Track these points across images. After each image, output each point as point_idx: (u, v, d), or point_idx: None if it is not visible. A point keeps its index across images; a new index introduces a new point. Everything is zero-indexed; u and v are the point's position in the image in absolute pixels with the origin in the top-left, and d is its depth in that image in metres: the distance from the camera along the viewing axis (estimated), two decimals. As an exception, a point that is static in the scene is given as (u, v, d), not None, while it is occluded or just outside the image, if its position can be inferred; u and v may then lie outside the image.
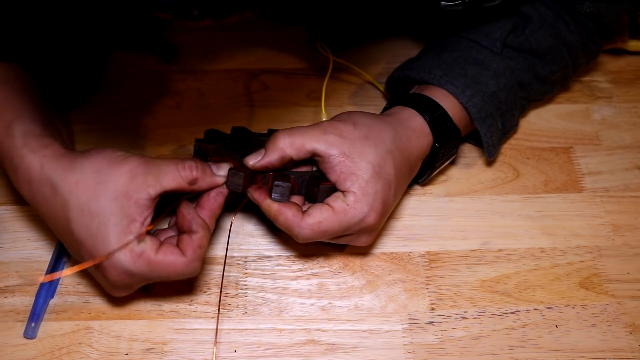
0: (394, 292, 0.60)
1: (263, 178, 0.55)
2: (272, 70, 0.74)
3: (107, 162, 0.52)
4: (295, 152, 0.55)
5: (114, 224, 0.50)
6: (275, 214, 0.54)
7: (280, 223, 0.55)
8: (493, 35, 0.65)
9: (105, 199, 0.50)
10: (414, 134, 0.59)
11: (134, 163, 0.52)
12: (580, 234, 0.64)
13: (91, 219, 0.50)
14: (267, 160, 0.55)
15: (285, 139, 0.55)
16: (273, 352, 0.56)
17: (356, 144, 0.55)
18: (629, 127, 0.72)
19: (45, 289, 0.57)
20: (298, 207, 0.54)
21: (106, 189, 0.51)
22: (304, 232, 0.54)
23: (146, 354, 0.55)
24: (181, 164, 0.53)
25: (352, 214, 0.54)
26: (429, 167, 0.62)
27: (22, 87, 0.57)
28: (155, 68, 0.73)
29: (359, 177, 0.54)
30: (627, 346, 0.58)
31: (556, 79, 0.69)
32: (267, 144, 0.55)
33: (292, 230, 0.54)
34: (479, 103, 0.62)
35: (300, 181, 0.55)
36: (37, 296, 0.57)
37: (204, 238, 0.52)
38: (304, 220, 0.54)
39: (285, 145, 0.55)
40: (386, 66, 0.74)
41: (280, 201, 0.54)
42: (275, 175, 0.55)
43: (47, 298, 0.57)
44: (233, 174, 0.54)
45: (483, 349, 0.57)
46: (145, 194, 0.51)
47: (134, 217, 0.51)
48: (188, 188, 0.53)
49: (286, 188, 0.54)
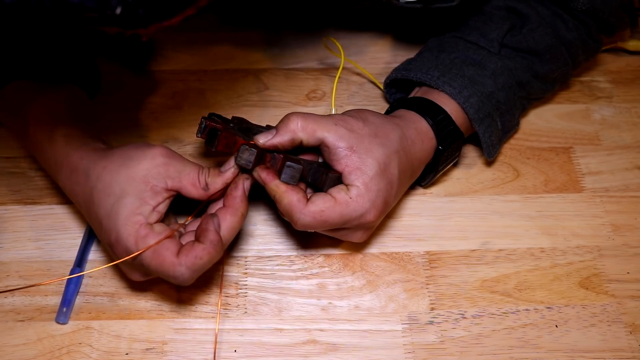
0: (394, 292, 0.60)
1: (272, 159, 0.54)
2: (272, 70, 0.74)
3: (135, 148, 0.54)
4: (306, 136, 0.55)
5: (126, 203, 0.51)
6: (281, 195, 0.54)
7: (283, 206, 0.54)
8: (490, 35, 0.65)
9: (124, 180, 0.52)
10: (419, 137, 0.59)
11: (160, 151, 0.54)
12: (580, 234, 0.64)
13: (108, 199, 0.52)
14: (278, 139, 0.54)
15: (298, 122, 0.55)
16: (273, 352, 0.56)
17: (364, 140, 0.56)
18: (629, 127, 0.72)
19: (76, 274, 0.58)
20: (304, 194, 0.54)
21: (127, 171, 0.52)
22: (305, 218, 0.53)
23: (146, 354, 0.55)
24: (200, 170, 0.54)
25: (354, 207, 0.54)
26: (431, 170, 0.62)
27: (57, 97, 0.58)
28: (155, 68, 0.73)
29: (364, 173, 0.55)
30: (627, 346, 0.58)
31: (556, 77, 0.69)
32: (278, 124, 0.55)
33: (293, 215, 0.54)
34: (477, 103, 0.62)
35: (309, 167, 0.55)
36: (68, 281, 0.57)
37: (205, 251, 0.51)
38: (307, 207, 0.53)
39: (298, 127, 0.55)
40: (385, 66, 0.74)
41: (289, 183, 0.54)
42: (286, 156, 0.54)
43: (78, 283, 0.58)
44: (244, 149, 0.53)
45: (483, 349, 0.57)
46: (162, 183, 0.53)
47: (147, 200, 0.52)
48: (203, 195, 0.54)
49: (297, 170, 0.54)
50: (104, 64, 0.71)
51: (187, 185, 0.53)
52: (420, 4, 0.61)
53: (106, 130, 0.67)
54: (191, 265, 0.50)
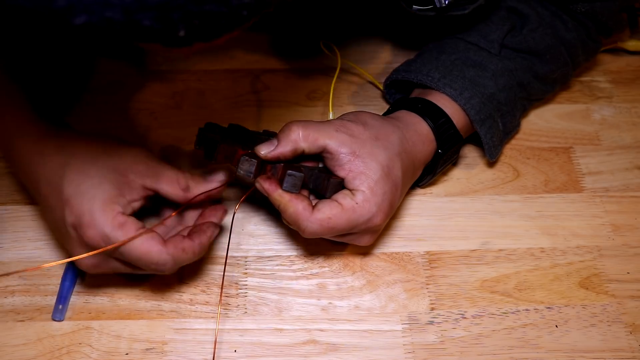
0: (394, 292, 0.60)
1: (272, 168, 0.54)
2: (272, 70, 0.74)
3: (117, 142, 0.55)
4: (308, 145, 0.55)
5: (105, 189, 0.51)
6: (286, 205, 0.54)
7: (288, 215, 0.54)
8: (490, 36, 0.65)
9: (103, 167, 0.52)
10: (420, 139, 0.59)
11: (142, 151, 0.54)
12: (580, 234, 0.64)
13: (85, 179, 0.51)
14: (279, 150, 0.54)
15: (299, 131, 0.54)
16: (273, 352, 0.56)
17: (366, 144, 0.55)
18: (629, 127, 0.72)
19: (71, 271, 0.58)
20: (309, 201, 0.54)
21: (108, 160, 0.52)
22: (312, 226, 0.53)
23: (146, 354, 0.55)
24: (181, 173, 0.54)
25: (360, 212, 0.54)
26: (429, 172, 0.62)
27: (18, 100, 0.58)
28: (156, 68, 0.73)
29: (369, 177, 0.54)
30: (627, 346, 0.58)
31: (556, 77, 0.69)
32: (279, 135, 0.55)
33: (300, 224, 0.54)
34: (478, 104, 0.62)
35: (309, 174, 0.55)
36: (63, 278, 0.57)
37: (192, 248, 0.52)
38: (314, 215, 0.53)
39: (299, 137, 0.54)
40: (386, 66, 0.74)
41: (291, 192, 0.54)
42: (287, 165, 0.54)
43: (74, 280, 0.58)
44: (245, 160, 0.53)
45: (483, 349, 0.57)
46: (141, 180, 0.53)
47: (124, 193, 0.52)
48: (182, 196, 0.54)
49: (299, 179, 0.54)
50: (104, 64, 0.72)
51: (165, 185, 0.53)
52: (434, 12, 0.61)
53: (106, 131, 0.67)
54: (177, 256, 0.52)
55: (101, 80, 0.71)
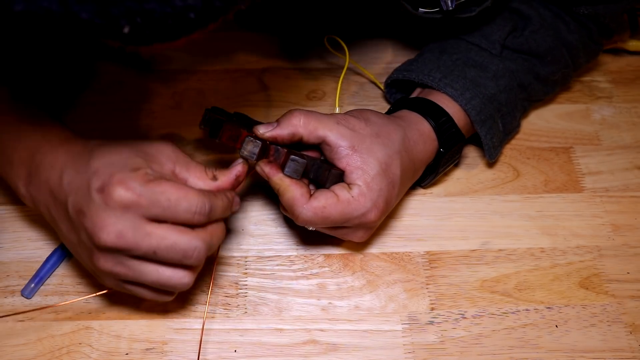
0: (394, 292, 0.60)
1: (275, 152, 0.54)
2: (272, 70, 0.74)
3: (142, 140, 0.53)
4: (306, 132, 0.55)
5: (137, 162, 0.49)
6: (285, 189, 0.54)
7: (285, 199, 0.54)
8: (492, 37, 0.65)
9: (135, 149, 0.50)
10: (421, 138, 0.59)
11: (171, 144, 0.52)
12: (580, 234, 0.64)
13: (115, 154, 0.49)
14: (277, 132, 0.54)
15: (300, 118, 0.55)
16: (273, 352, 0.56)
17: (366, 140, 0.56)
18: (629, 127, 0.72)
19: (57, 253, 0.58)
20: (308, 189, 0.54)
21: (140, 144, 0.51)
22: (306, 213, 0.53)
23: (146, 354, 0.55)
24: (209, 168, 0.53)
25: (355, 206, 0.54)
26: (432, 172, 0.63)
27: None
28: (156, 68, 0.73)
29: (366, 172, 0.55)
30: (627, 346, 0.58)
31: (557, 79, 0.69)
32: (281, 118, 0.55)
33: (295, 210, 0.54)
34: (479, 105, 0.62)
35: (312, 163, 0.55)
36: (47, 259, 0.58)
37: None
38: (310, 202, 0.53)
39: (299, 123, 0.55)
40: (386, 66, 0.74)
41: (292, 177, 0.54)
42: (290, 150, 0.54)
43: (57, 263, 0.58)
44: (249, 141, 0.53)
45: (483, 349, 0.57)
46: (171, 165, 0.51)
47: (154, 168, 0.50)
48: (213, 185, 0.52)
49: (301, 165, 0.54)
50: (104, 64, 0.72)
51: (194, 175, 0.52)
52: (441, 14, 0.61)
53: (106, 131, 0.67)
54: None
55: (101, 80, 0.71)
